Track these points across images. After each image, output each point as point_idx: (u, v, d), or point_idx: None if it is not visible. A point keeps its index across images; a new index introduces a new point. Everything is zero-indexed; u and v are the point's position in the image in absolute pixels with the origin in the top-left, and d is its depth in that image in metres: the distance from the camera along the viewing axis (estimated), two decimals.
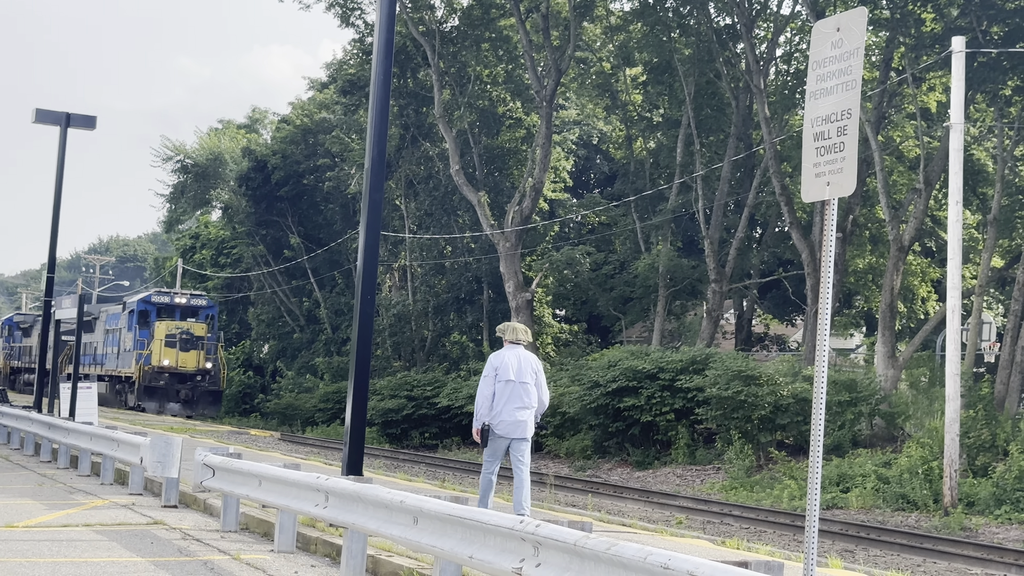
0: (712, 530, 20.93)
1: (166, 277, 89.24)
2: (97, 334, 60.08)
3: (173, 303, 55.27)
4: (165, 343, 52.49)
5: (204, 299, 57.27)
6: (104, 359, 58.24)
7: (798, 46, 43.60)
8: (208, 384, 53.56)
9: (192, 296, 56.74)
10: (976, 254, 40.16)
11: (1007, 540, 21.47)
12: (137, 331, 53.85)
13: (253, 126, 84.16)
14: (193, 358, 53.08)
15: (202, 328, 54.43)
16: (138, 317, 54.27)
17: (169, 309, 54.94)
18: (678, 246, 49.20)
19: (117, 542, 13.06)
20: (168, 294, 56.76)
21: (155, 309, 54.66)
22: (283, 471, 13.01)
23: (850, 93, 8.46)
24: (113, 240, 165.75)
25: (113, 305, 61.44)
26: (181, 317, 54.76)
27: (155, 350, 52.49)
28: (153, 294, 56.59)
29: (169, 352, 52.55)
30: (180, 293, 57.08)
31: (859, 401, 30.58)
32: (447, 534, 9.58)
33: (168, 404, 51.85)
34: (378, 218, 14.89)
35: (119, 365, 55.95)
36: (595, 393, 34.57)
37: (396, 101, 52.40)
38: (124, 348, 55.36)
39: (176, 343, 52.67)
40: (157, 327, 53.09)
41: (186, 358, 52.99)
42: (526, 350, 14.05)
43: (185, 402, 52.44)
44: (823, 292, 8.61)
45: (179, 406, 51.92)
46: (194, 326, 54.15)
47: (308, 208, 66.17)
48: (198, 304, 56.03)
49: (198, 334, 53.71)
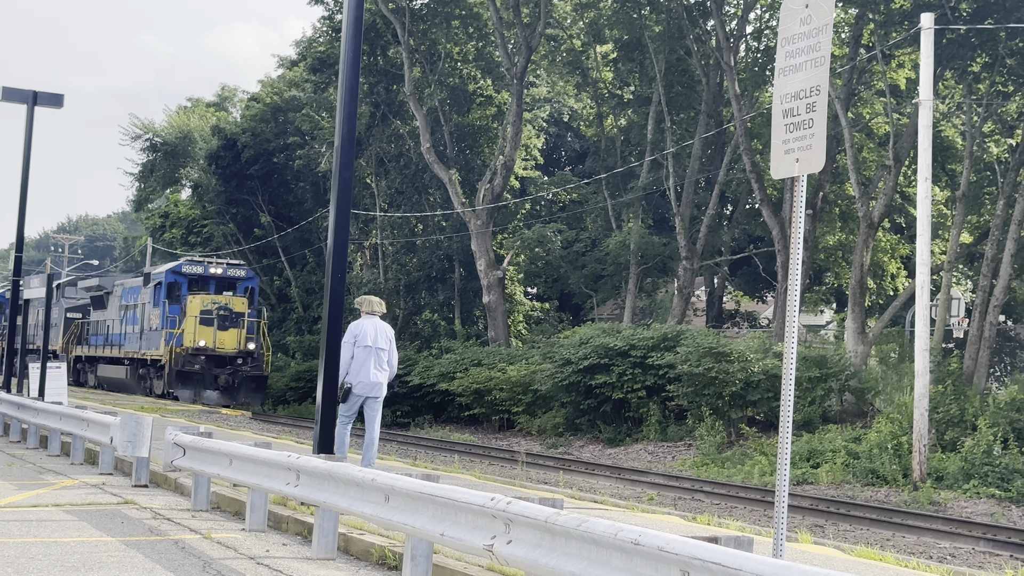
0: (683, 506, 21.02)
1: (135, 256, 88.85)
2: (111, 311, 53.01)
3: (207, 274, 47.24)
4: (200, 320, 44.50)
5: (243, 269, 49.08)
6: (122, 340, 50.55)
7: (768, 23, 43.65)
8: (251, 368, 45.50)
9: (229, 265, 48.61)
10: (945, 230, 40.35)
11: (975, 514, 21.63)
12: (166, 307, 45.78)
13: (222, 104, 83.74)
14: (233, 338, 44.97)
15: (242, 303, 45.91)
16: (167, 290, 46.34)
17: (203, 281, 47.19)
18: (649, 224, 49.24)
19: (87, 522, 13.02)
20: (201, 263, 48.16)
21: (186, 281, 46.47)
22: (254, 450, 12.98)
23: (819, 70, 8.47)
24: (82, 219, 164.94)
25: (130, 277, 54.14)
26: (216, 290, 46.87)
27: (188, 329, 44.46)
28: (184, 263, 47.77)
29: (205, 331, 44.67)
30: (216, 262, 48.75)
31: (829, 377, 30.73)
32: (418, 512, 9.59)
33: (204, 392, 44.23)
34: (348, 196, 14.83)
35: (142, 346, 48.09)
36: (567, 371, 34.63)
37: (366, 79, 52.22)
38: (149, 327, 47.46)
39: (213, 320, 44.56)
40: (190, 302, 44.94)
41: (225, 338, 44.94)
42: (381, 320, 16.04)
43: (224, 389, 44.57)
44: (793, 269, 8.64)
45: (217, 394, 44.50)
46: (233, 300, 45.85)
47: (278, 186, 65.90)
48: (236, 275, 48.01)
49: (238, 310, 45.44)
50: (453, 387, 39.97)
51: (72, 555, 10.90)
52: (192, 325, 44.25)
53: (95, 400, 36.10)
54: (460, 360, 41.47)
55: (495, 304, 46.49)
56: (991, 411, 26.14)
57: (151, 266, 53.96)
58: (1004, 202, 33.24)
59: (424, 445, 33.30)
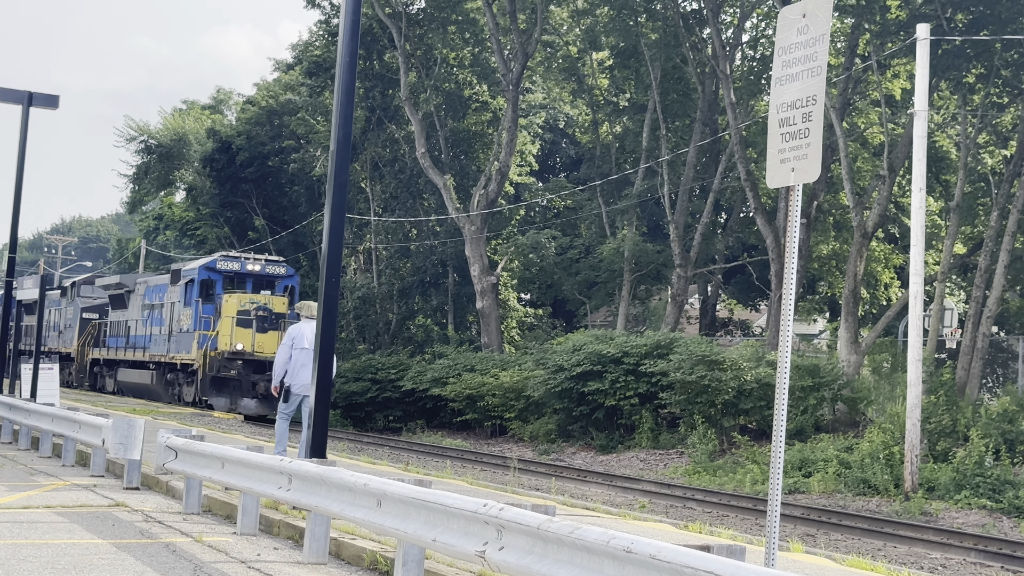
0: (675, 514, 21.02)
1: (129, 258, 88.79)
2: (132, 311, 49.03)
3: (244, 271, 43.32)
4: (237, 322, 40.66)
5: (282, 265, 44.74)
6: (147, 342, 46.53)
7: (764, 32, 43.72)
8: None
9: (268, 262, 44.38)
10: (939, 241, 40.40)
11: (966, 525, 21.65)
12: (199, 307, 41.87)
13: (218, 107, 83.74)
14: (273, 341, 40.26)
15: (282, 303, 41.85)
16: (199, 289, 42.30)
17: (239, 278, 43.34)
18: (643, 231, 49.28)
19: (78, 524, 12.99)
20: (237, 259, 44.10)
21: (221, 278, 42.52)
22: (246, 453, 12.96)
23: (815, 79, 8.48)
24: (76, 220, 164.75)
25: (154, 275, 50.37)
26: (254, 288, 42.72)
27: (224, 331, 40.63)
28: (219, 259, 43.69)
29: (243, 333, 40.62)
30: (253, 258, 44.35)
31: (822, 386, 30.75)
32: (411, 517, 9.58)
33: (242, 400, 40.23)
34: (343, 200, 14.82)
35: (171, 349, 44.19)
36: (559, 377, 34.62)
37: (362, 83, 52.22)
38: (179, 328, 43.38)
39: (252, 322, 40.53)
40: (226, 301, 41.15)
41: (264, 341, 40.55)
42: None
43: (263, 398, 40.07)
44: (787, 277, 8.64)
45: (255, 403, 40.26)
46: (273, 300, 41.80)
47: (273, 190, 65.87)
48: (275, 272, 43.88)
49: (278, 310, 41.34)
50: (446, 392, 39.96)
51: (63, 557, 10.87)
52: (228, 327, 40.54)
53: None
54: (453, 365, 41.46)
55: (488, 310, 46.48)
56: (983, 422, 26.16)
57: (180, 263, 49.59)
58: (998, 213, 33.29)
59: (416, 450, 33.28)
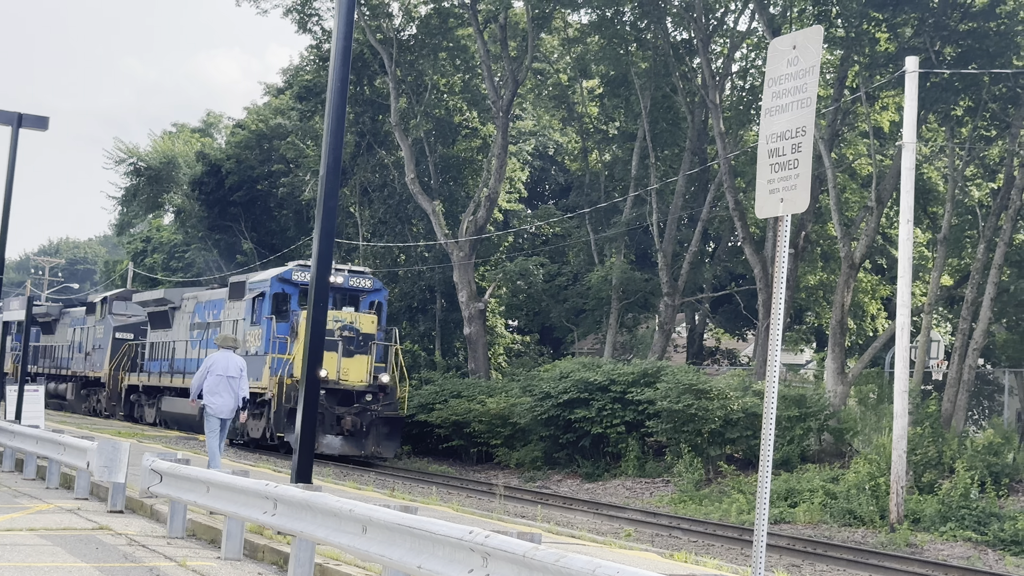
0: (660, 543, 20.98)
1: (116, 281, 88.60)
2: (177, 330, 42.66)
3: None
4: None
5: (368, 278, 37.41)
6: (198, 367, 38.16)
7: (754, 62, 43.90)
8: (383, 407, 34.73)
9: (351, 273, 37.05)
10: (926, 272, 40.50)
11: (952, 557, 21.64)
12: (272, 325, 35.10)
13: (207, 130, 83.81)
14: (361, 367, 34.50)
15: (371, 321, 35.23)
16: (272, 304, 35.58)
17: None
18: (631, 259, 49.33)
19: (62, 547, 12.93)
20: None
21: (297, 292, 35.71)
22: (232, 478, 12.92)
23: (805, 110, 8.52)
24: (63, 242, 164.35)
25: (205, 289, 43.75)
26: (335, 304, 35.37)
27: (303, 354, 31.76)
28: (294, 269, 36.28)
29: (326, 358, 31.50)
30: (336, 268, 35.69)
31: (808, 416, 30.77)
32: (396, 543, 9.55)
33: (324, 438, 33.83)
34: (332, 225, 14.84)
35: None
36: (546, 404, 34.58)
37: (352, 108, 52.30)
38: (247, 350, 36.10)
39: (337, 344, 33.92)
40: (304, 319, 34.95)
41: (351, 367, 34.43)
42: (234, 354, 19.59)
43: (350, 434, 34.27)
44: (775, 307, 8.66)
45: (340, 440, 34.29)
46: (360, 318, 35.03)
47: (262, 214, 65.83)
48: (361, 285, 36.76)
49: (366, 330, 34.83)
50: (432, 418, 39.85)
51: None
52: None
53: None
54: (439, 391, 41.35)
55: (476, 336, 46.45)
56: (968, 454, 26.19)
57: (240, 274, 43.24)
58: (985, 246, 33.40)
59: (402, 476, 33.18)
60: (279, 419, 33.70)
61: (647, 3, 40.64)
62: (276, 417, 33.87)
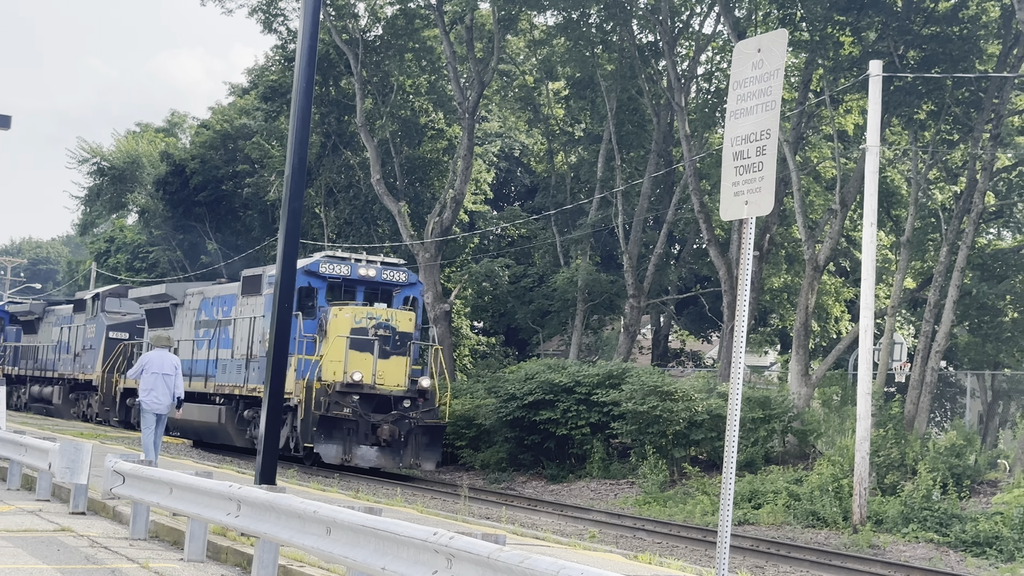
0: (625, 544, 21.01)
1: (79, 280, 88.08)
2: (181, 329, 38.62)
3: (355, 276, 32.71)
4: (351, 343, 30.65)
5: (402, 271, 33.83)
6: (209, 368, 35.97)
7: (719, 65, 44.04)
8: (423, 414, 31.18)
9: (384, 266, 33.57)
10: (889, 275, 40.76)
11: (913, 558, 21.77)
12: (297, 323, 30.41)
13: (172, 130, 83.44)
14: (399, 370, 31.16)
15: (408, 319, 31.75)
16: (298, 298, 30.71)
17: (348, 286, 32.86)
18: (597, 261, 49.41)
19: (23, 549, 12.84)
20: (346, 260, 33.12)
21: (325, 286, 32.39)
22: (195, 479, 12.87)
23: (769, 113, 8.55)
24: (25, 242, 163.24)
25: (211, 284, 39.35)
26: (365, 298, 32.55)
27: (334, 355, 30.76)
28: (322, 260, 32.80)
29: (360, 359, 30.68)
30: (366, 260, 33.58)
31: (772, 418, 30.87)
32: (360, 545, 9.54)
33: (358, 448, 30.39)
34: (297, 226, 14.82)
35: (251, 378, 33.03)
36: (511, 406, 34.58)
37: (318, 109, 52.17)
38: (264, 351, 30.59)
39: (372, 344, 30.69)
40: (334, 316, 31.21)
41: (387, 369, 31.01)
42: (169, 352, 20.66)
43: (387, 444, 30.61)
44: (739, 309, 8.69)
45: (377, 452, 30.65)
46: (396, 315, 31.58)
47: (226, 214, 65.59)
48: (394, 279, 33.19)
49: (403, 329, 31.40)
50: None
51: None
52: (340, 350, 30.65)
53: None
54: None
55: (441, 337, 46.41)
56: (931, 456, 26.35)
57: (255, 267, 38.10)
58: (947, 249, 33.63)
59: (366, 479, 33.10)
60: (307, 427, 30.24)
61: (613, 5, 40.72)
62: (303, 425, 30.33)
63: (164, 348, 20.77)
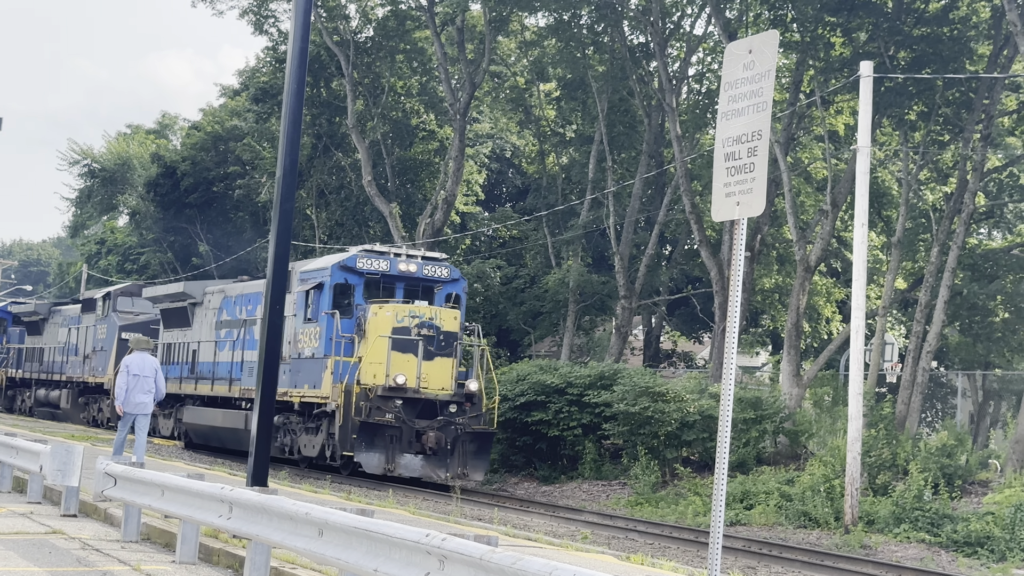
0: (617, 545, 21.01)
1: (70, 283, 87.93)
2: (200, 329, 36.84)
3: (395, 272, 30.33)
4: (393, 344, 28.28)
5: (444, 266, 31.43)
6: (233, 371, 33.85)
7: (710, 66, 44.10)
8: (471, 420, 28.92)
9: (425, 260, 31.18)
10: (880, 275, 40.80)
11: (905, 558, 21.79)
12: (334, 322, 28.95)
13: (162, 131, 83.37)
14: (445, 372, 28.87)
15: (452, 317, 29.42)
16: (333, 295, 29.59)
17: (387, 283, 30.49)
18: (588, 262, 49.43)
19: (14, 551, 12.81)
20: (385, 256, 30.78)
21: (362, 282, 30.03)
22: (187, 481, 12.85)
23: (761, 114, 8.56)
24: (16, 244, 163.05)
25: (232, 282, 37.05)
26: (405, 295, 30.36)
27: (375, 356, 28.22)
28: (359, 255, 30.45)
29: (403, 361, 28.31)
30: (408, 255, 31.32)
31: (764, 419, 30.89)
32: (352, 547, 9.53)
33: (402, 457, 28.26)
34: (289, 227, 14.81)
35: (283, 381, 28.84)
36: (503, 407, 34.55)
37: (309, 110, 52.15)
38: (296, 352, 30.43)
39: (416, 344, 28.44)
40: (374, 315, 28.66)
41: (432, 372, 28.68)
42: (149, 355, 21.10)
43: (432, 453, 28.33)
44: (731, 310, 8.69)
45: (422, 461, 28.45)
46: (440, 313, 29.24)
47: (217, 216, 65.54)
48: (435, 275, 30.84)
49: (448, 328, 29.03)
50: None
51: None
52: (382, 351, 28.20)
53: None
54: None
55: None
56: (922, 456, 26.37)
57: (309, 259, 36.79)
58: (938, 249, 33.68)
59: (358, 481, 33.05)
60: (346, 435, 27.93)
61: (604, 6, 40.76)
62: (342, 432, 28.01)
63: (144, 351, 21.29)
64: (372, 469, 28.02)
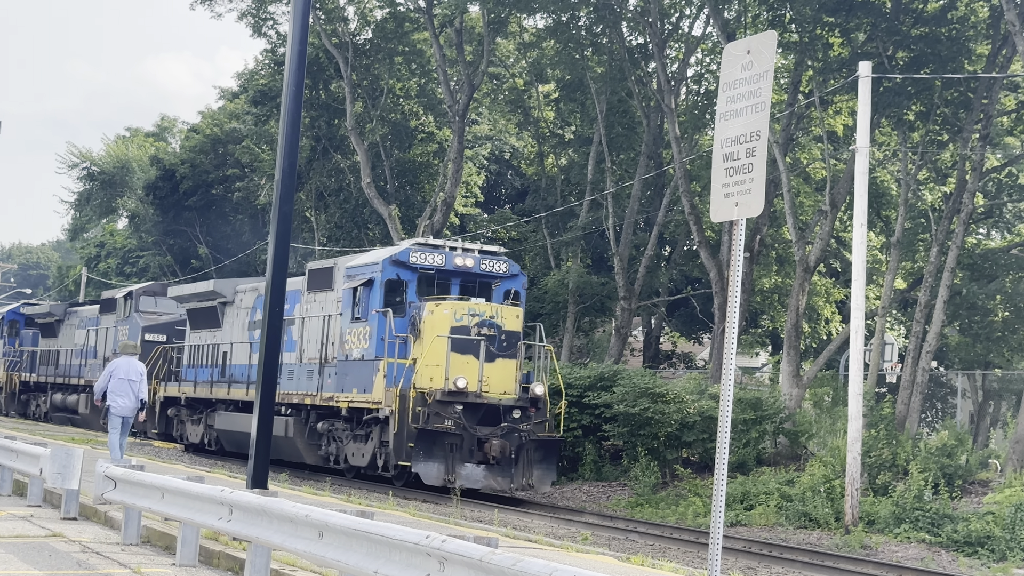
0: (617, 546, 21.00)
1: (69, 286, 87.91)
2: (231, 330, 35.08)
3: (450, 267, 28.08)
4: (452, 344, 26.14)
5: (503, 260, 28.94)
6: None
7: (708, 67, 44.08)
8: (536, 426, 26.97)
9: (483, 255, 28.73)
10: (879, 276, 40.80)
11: (906, 558, 21.79)
12: (388, 321, 26.82)
13: (161, 134, 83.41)
14: (508, 375, 26.94)
15: (515, 315, 27.33)
16: (384, 292, 27.39)
17: (443, 278, 28.20)
18: (588, 263, 49.42)
19: (14, 554, 12.81)
20: (440, 249, 28.41)
21: (415, 278, 27.80)
22: (186, 484, 12.85)
23: (759, 115, 8.56)
24: (15, 247, 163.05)
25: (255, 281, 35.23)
26: (461, 291, 28.14)
27: (433, 358, 26.13)
28: (412, 249, 28.07)
29: (462, 363, 26.28)
30: (464, 248, 28.85)
31: (764, 419, 30.88)
32: (352, 549, 9.53)
33: (463, 467, 26.11)
34: (288, 230, 14.80)
35: (326, 386, 29.11)
36: None
37: (307, 112, 52.14)
38: (342, 354, 28.49)
39: (477, 344, 26.37)
40: (430, 313, 26.58)
41: (494, 374, 26.67)
42: (135, 360, 21.61)
43: (495, 462, 26.27)
44: (730, 311, 8.69)
45: (484, 471, 26.41)
46: (502, 312, 27.12)
47: (216, 218, 65.55)
48: (494, 270, 28.59)
49: (510, 327, 26.99)
50: None
51: None
52: (440, 352, 26.09)
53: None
54: None
55: None
56: (922, 456, 26.37)
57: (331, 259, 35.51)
58: (937, 249, 33.68)
59: (358, 482, 33.04)
60: (401, 443, 25.85)
61: (602, 8, 40.75)
62: (396, 441, 25.93)
63: (131, 355, 21.86)
64: (431, 480, 25.91)
